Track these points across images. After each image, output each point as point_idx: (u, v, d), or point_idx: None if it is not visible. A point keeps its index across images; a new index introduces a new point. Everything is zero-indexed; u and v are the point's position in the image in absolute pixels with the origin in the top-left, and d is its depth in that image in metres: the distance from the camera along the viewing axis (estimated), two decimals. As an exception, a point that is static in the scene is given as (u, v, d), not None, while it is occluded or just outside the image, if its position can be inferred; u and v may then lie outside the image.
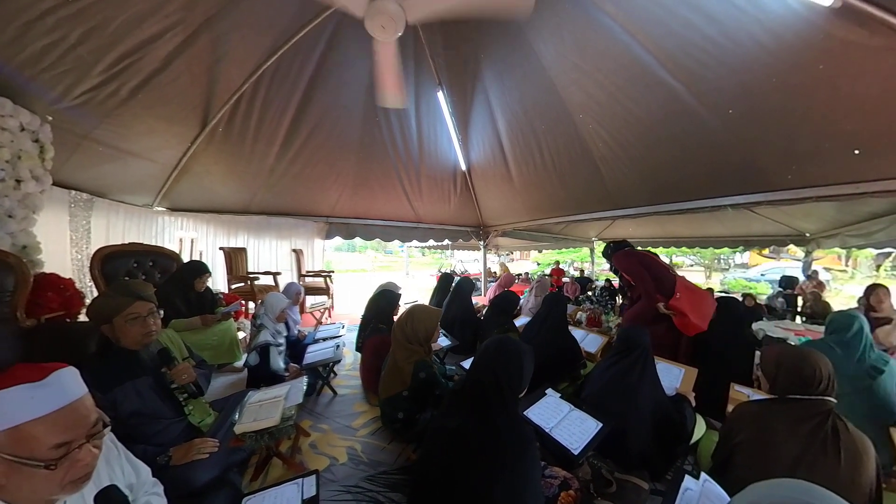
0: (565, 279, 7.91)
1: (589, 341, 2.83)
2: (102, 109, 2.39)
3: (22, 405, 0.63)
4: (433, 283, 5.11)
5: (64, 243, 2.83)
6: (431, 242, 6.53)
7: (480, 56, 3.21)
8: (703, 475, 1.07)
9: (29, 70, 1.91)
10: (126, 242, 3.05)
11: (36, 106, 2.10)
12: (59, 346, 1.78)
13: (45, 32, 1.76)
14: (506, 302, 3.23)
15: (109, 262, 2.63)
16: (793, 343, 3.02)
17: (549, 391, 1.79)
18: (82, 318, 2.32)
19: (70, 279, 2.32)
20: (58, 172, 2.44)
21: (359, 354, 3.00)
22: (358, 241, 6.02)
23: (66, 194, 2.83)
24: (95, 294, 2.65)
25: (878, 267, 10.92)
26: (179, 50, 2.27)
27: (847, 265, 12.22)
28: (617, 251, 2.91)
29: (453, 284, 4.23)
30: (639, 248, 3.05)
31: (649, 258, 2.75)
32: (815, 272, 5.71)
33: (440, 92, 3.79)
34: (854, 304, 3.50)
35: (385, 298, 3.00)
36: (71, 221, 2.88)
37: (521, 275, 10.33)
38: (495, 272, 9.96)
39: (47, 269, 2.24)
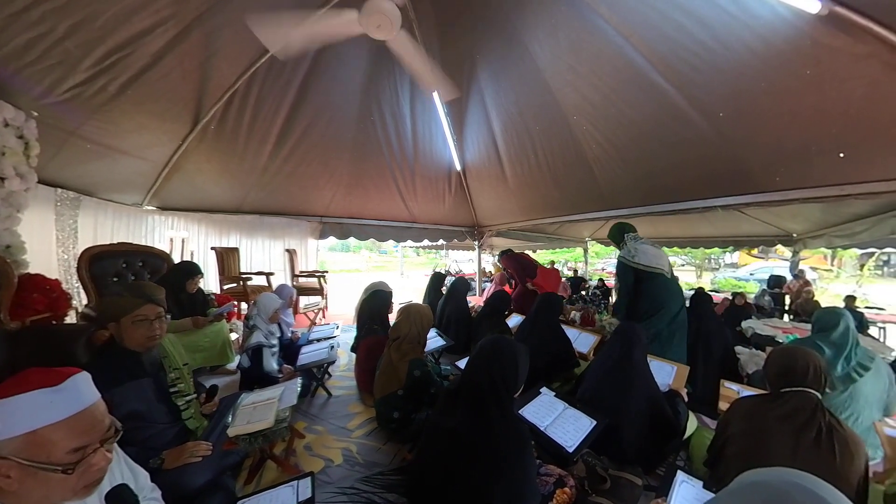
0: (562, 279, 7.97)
1: (581, 340, 2.86)
2: (90, 105, 2.34)
3: (40, 410, 0.63)
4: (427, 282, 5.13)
5: (50, 243, 2.75)
6: (426, 242, 6.52)
7: (476, 56, 3.21)
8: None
9: (13, 64, 1.85)
10: (115, 242, 2.98)
11: (21, 101, 2.04)
12: (45, 349, 1.73)
13: (30, 25, 1.71)
14: (498, 301, 3.25)
15: (97, 263, 2.57)
16: (780, 340, 3.10)
17: (544, 390, 1.81)
18: (69, 319, 2.26)
19: (56, 280, 2.26)
20: (43, 170, 2.36)
21: (353, 355, 2.98)
22: (352, 241, 5.98)
23: (51, 192, 2.75)
24: (83, 295, 2.60)
25: (862, 266, 11.23)
26: (171, 45, 2.23)
27: (832, 265, 12.54)
28: (504, 255, 4.68)
29: (447, 284, 4.24)
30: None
31: (522, 257, 4.50)
32: (802, 271, 5.86)
33: (436, 92, 3.79)
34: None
35: (378, 299, 2.99)
36: (57, 220, 2.80)
37: (515, 275, 10.35)
38: (490, 272, 9.99)
39: (32, 270, 2.18)
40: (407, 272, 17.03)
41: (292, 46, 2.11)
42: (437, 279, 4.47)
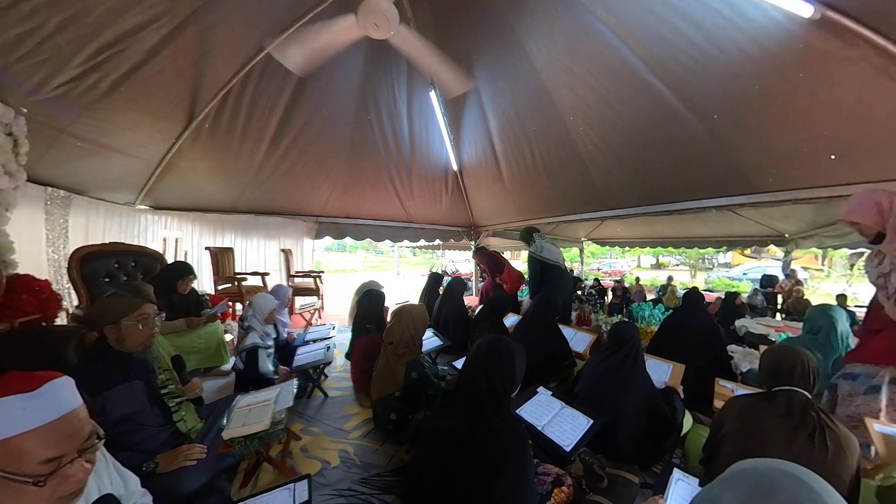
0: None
1: (577, 340, 2.87)
2: (82, 102, 2.29)
3: (12, 417, 0.60)
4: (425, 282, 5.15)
5: (39, 243, 2.70)
6: (422, 242, 6.51)
7: (473, 56, 3.22)
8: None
9: (2, 59, 1.81)
10: (106, 242, 2.93)
11: (10, 97, 2.00)
12: (35, 352, 1.69)
13: (20, 20, 1.67)
14: (496, 302, 3.25)
15: (89, 263, 2.52)
16: (773, 339, 3.15)
17: (541, 389, 1.81)
18: (59, 321, 2.22)
19: (46, 281, 2.21)
20: (33, 168, 2.32)
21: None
22: (348, 240, 5.96)
23: (41, 191, 2.70)
24: (74, 296, 2.55)
25: (852, 266, 11.43)
26: (164, 42, 2.20)
27: (823, 264, 12.76)
28: (477, 252, 5.20)
29: (443, 284, 4.24)
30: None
31: (493, 254, 4.75)
32: (794, 271, 5.95)
33: (432, 91, 3.79)
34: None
35: (371, 298, 2.97)
36: (47, 220, 2.75)
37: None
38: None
39: (21, 271, 2.13)
40: (403, 272, 17.00)
41: (305, 64, 2.13)
42: (435, 279, 4.47)
